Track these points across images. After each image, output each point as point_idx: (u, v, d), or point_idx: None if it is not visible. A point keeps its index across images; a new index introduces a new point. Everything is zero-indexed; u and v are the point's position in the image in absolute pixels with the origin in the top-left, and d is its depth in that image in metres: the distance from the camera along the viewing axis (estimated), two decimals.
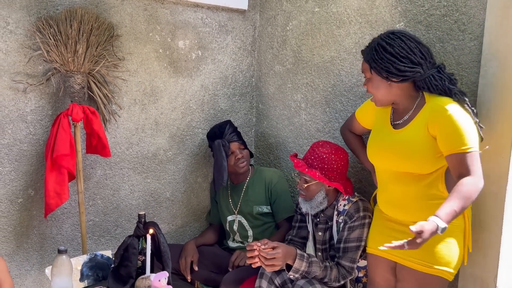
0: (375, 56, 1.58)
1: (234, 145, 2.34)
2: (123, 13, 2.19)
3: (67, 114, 1.96)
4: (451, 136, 1.49)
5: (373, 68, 1.60)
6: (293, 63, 2.52)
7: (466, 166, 1.46)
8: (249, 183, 2.41)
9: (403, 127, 1.63)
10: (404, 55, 1.55)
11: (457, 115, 1.50)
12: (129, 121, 2.29)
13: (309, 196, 1.94)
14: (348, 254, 1.87)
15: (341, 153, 1.94)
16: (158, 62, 2.34)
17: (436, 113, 1.53)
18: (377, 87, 1.64)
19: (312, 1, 2.37)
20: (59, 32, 1.91)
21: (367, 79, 1.68)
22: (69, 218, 2.19)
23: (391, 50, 1.56)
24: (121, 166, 2.31)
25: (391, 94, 1.64)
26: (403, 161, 1.59)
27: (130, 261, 1.85)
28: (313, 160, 1.93)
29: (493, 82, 1.68)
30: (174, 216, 2.56)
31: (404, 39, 1.57)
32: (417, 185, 1.61)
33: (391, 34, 1.60)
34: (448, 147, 1.50)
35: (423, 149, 1.55)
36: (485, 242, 1.74)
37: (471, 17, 1.76)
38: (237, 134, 2.39)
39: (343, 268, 1.87)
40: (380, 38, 1.61)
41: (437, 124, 1.52)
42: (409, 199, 1.63)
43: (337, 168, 1.90)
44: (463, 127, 1.48)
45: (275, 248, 1.78)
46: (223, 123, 2.42)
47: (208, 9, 2.48)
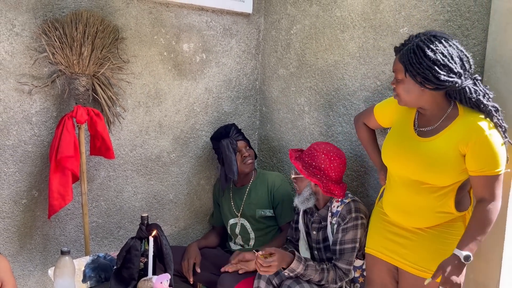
0: (413, 59, 1.47)
1: (241, 143, 2.37)
2: (128, 16, 2.20)
3: (72, 116, 1.98)
4: (484, 159, 1.46)
5: (408, 72, 1.50)
6: (297, 66, 2.53)
7: (492, 188, 1.46)
8: (252, 186, 2.42)
9: (431, 136, 1.56)
10: (445, 63, 1.45)
11: (493, 138, 1.45)
12: (133, 124, 2.31)
13: (298, 189, 2.02)
14: (345, 256, 1.90)
15: (333, 155, 1.94)
16: (162, 65, 2.35)
17: (472, 132, 1.47)
18: (408, 91, 1.54)
19: (316, 5, 2.38)
20: (64, 35, 1.92)
21: (397, 80, 1.56)
22: (72, 219, 2.21)
23: (431, 55, 1.44)
24: (125, 167, 2.32)
25: (421, 99, 1.55)
26: (425, 172, 1.55)
27: (133, 262, 1.85)
28: (305, 155, 1.98)
29: (497, 88, 1.67)
30: (177, 218, 2.57)
31: (446, 45, 1.47)
32: (428, 195, 1.58)
33: (432, 37, 1.48)
34: (477, 167, 1.47)
35: (450, 163, 1.51)
36: (487, 248, 1.73)
37: (474, 23, 1.76)
38: (242, 135, 2.42)
39: (340, 270, 1.90)
40: (420, 40, 1.48)
41: (472, 143, 1.46)
42: (417, 207, 1.62)
43: (324, 167, 1.92)
44: (497, 151, 1.45)
45: (272, 255, 1.83)
46: (228, 125, 2.45)
47: (212, 12, 2.49)
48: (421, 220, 1.62)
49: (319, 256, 2.04)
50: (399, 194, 1.67)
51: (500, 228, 1.70)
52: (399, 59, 1.53)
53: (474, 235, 1.46)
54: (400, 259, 1.68)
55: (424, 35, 1.51)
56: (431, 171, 1.53)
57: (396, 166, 1.67)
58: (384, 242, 1.74)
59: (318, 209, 2.04)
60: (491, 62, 1.69)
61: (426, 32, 1.52)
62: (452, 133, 1.51)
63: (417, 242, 1.64)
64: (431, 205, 1.59)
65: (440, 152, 1.52)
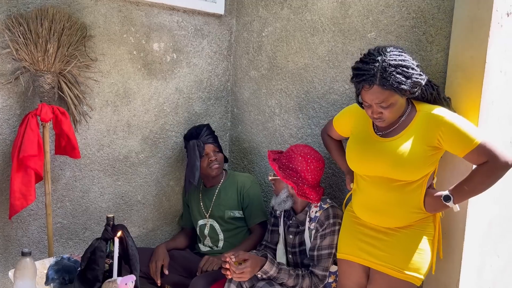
0: (401, 78, 1.47)
1: (209, 147, 2.34)
2: (97, 13, 2.17)
3: (36, 114, 1.93)
4: (460, 140, 1.52)
5: (403, 92, 1.49)
6: (268, 69, 2.54)
7: (485, 155, 1.50)
8: (222, 187, 2.41)
9: (394, 136, 1.61)
10: (417, 64, 1.53)
11: (455, 119, 1.53)
12: (100, 123, 2.27)
13: (276, 191, 2.02)
14: (321, 262, 1.89)
15: (310, 158, 1.95)
16: (132, 64, 2.32)
17: (437, 125, 1.54)
18: (398, 109, 1.56)
19: (288, 9, 2.40)
20: (29, 31, 1.88)
21: (383, 107, 1.53)
22: (36, 220, 2.15)
23: (410, 64, 1.49)
24: (91, 167, 2.28)
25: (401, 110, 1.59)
26: (394, 168, 1.59)
27: (97, 264, 1.82)
28: (283, 157, 1.99)
29: (458, 92, 1.73)
30: (145, 220, 2.54)
31: (401, 50, 1.53)
32: (398, 192, 1.62)
33: (391, 51, 1.50)
34: (460, 149, 1.53)
35: (417, 157, 1.55)
36: (449, 248, 1.79)
37: (438, 30, 1.81)
38: (213, 137, 2.39)
39: (316, 277, 1.89)
40: (388, 59, 1.48)
41: (442, 134, 1.53)
42: (388, 205, 1.65)
43: (301, 170, 1.93)
44: (463, 126, 1.52)
45: (245, 261, 1.83)
46: (201, 125, 2.43)
47: (184, 12, 2.48)
48: (393, 218, 1.65)
49: (294, 260, 2.03)
50: (369, 194, 1.70)
51: (461, 229, 1.76)
52: (383, 87, 1.48)
53: (463, 183, 1.56)
54: (374, 259, 1.70)
55: (379, 54, 1.50)
56: (400, 167, 1.58)
57: (363, 167, 1.70)
58: (356, 245, 1.75)
59: (296, 213, 2.03)
60: (453, 68, 1.75)
61: (376, 52, 1.52)
62: (415, 130, 1.58)
63: (390, 242, 1.67)
64: (402, 202, 1.62)
65: (406, 149, 1.57)
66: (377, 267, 1.69)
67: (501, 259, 2.01)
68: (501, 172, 1.51)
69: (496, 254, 1.98)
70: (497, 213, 1.91)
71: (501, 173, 1.51)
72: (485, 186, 1.54)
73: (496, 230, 1.94)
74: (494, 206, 1.88)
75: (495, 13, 1.64)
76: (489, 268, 1.94)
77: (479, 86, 1.67)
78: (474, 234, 1.79)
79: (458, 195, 1.56)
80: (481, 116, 1.68)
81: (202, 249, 2.44)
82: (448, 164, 1.76)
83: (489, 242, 1.91)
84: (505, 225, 2.00)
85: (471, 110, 1.69)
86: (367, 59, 1.53)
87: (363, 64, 1.53)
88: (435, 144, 1.55)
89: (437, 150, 1.57)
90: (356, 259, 1.76)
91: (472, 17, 1.67)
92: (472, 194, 1.58)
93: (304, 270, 1.91)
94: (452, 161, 1.74)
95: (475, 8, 1.66)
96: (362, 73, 1.52)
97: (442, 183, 1.74)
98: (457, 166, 1.73)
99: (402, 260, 1.63)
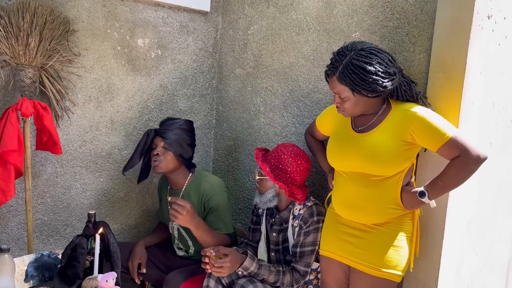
0: (356, 79, 1.52)
1: (158, 140, 2.14)
2: (80, 8, 2.14)
3: (16, 108, 1.90)
4: (431, 134, 1.54)
5: (356, 91, 1.55)
6: (254, 67, 2.54)
7: (455, 151, 1.53)
8: (185, 191, 2.23)
9: (369, 131, 1.65)
10: (384, 71, 1.53)
11: (427, 114, 1.56)
12: (83, 119, 2.24)
13: (261, 190, 1.99)
14: (304, 258, 1.90)
15: (300, 159, 1.95)
16: (115, 59, 2.30)
17: (409, 120, 1.57)
18: (355, 104, 1.61)
19: (273, 7, 2.40)
20: (10, 24, 1.84)
21: (341, 98, 1.61)
22: (15, 216, 2.12)
23: (372, 69, 1.52)
24: (73, 163, 2.25)
25: (366, 107, 1.63)
26: (368, 163, 1.62)
27: (78, 261, 1.80)
28: (271, 157, 1.97)
29: (440, 93, 1.75)
30: (128, 216, 2.52)
31: (375, 53, 1.55)
32: (375, 187, 1.65)
33: (362, 51, 1.54)
34: (433, 143, 1.55)
35: (390, 152, 1.58)
36: (428, 246, 1.81)
37: (421, 31, 1.84)
38: (175, 134, 2.15)
39: (297, 272, 1.90)
40: (352, 58, 1.54)
41: (414, 129, 1.56)
42: (365, 201, 1.67)
43: (291, 171, 1.93)
44: (434, 121, 1.55)
45: (226, 256, 1.83)
46: (173, 118, 2.26)
47: (169, 8, 2.46)
48: (369, 214, 1.67)
49: (277, 258, 2.04)
50: (347, 190, 1.73)
51: (440, 227, 1.78)
52: (339, 81, 1.57)
53: (437, 179, 1.58)
54: (352, 258, 1.71)
55: (351, 50, 1.56)
56: (374, 161, 1.61)
57: (340, 163, 1.74)
58: (337, 243, 1.77)
59: (279, 211, 2.03)
60: (434, 69, 1.77)
61: (350, 47, 1.57)
62: (389, 125, 1.62)
63: (368, 240, 1.68)
64: (378, 198, 1.64)
65: (379, 143, 1.61)
66: (356, 265, 1.71)
67: (479, 258, 2.05)
68: (473, 166, 1.53)
69: (475, 253, 2.01)
70: (476, 212, 1.95)
71: (473, 166, 1.53)
72: (458, 181, 1.56)
73: (475, 229, 1.97)
74: (473, 205, 1.91)
75: (476, 16, 1.66)
76: (467, 266, 1.98)
77: (460, 87, 1.69)
78: (454, 232, 1.82)
79: (432, 190, 1.58)
80: (461, 117, 1.71)
81: (178, 252, 2.33)
82: (428, 163, 1.78)
83: (468, 240, 1.94)
84: (484, 224, 2.03)
85: (452, 111, 1.71)
86: (341, 51, 1.59)
87: (336, 55, 1.60)
88: (408, 139, 1.58)
89: (410, 145, 1.59)
90: (336, 256, 1.78)
91: (454, 19, 1.69)
92: (446, 189, 1.60)
93: (284, 267, 1.92)
94: (431, 159, 1.76)
95: (457, 10, 1.68)
96: (331, 62, 1.60)
97: (421, 182, 1.76)
98: (437, 165, 1.75)
99: (379, 257, 1.65)
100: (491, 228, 2.10)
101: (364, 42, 1.60)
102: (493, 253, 2.17)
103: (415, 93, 1.64)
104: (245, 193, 2.64)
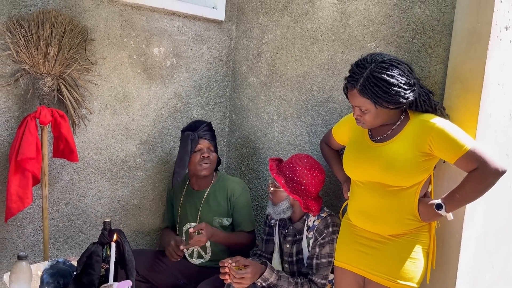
0: (378, 92, 1.51)
1: (204, 142, 2.20)
2: (98, 17, 2.17)
3: (35, 116, 1.92)
4: (450, 146, 1.53)
5: (378, 104, 1.54)
6: (267, 76, 2.55)
7: (475, 161, 1.51)
8: (211, 191, 2.27)
9: (387, 141, 1.65)
10: (405, 82, 1.53)
11: (445, 125, 1.56)
12: (99, 126, 2.26)
13: (275, 201, 1.98)
14: (321, 270, 1.89)
15: (315, 171, 1.94)
16: (131, 68, 2.32)
17: (427, 131, 1.56)
18: (376, 116, 1.60)
19: (288, 17, 2.41)
20: (30, 33, 1.87)
21: (362, 111, 1.60)
22: (31, 223, 2.14)
23: (394, 81, 1.51)
24: (89, 171, 2.27)
25: (386, 118, 1.62)
26: (385, 173, 1.61)
27: (93, 268, 1.80)
28: (286, 168, 1.96)
29: (457, 104, 1.75)
30: (141, 224, 2.53)
31: (396, 64, 1.54)
32: (392, 198, 1.64)
33: (383, 63, 1.54)
34: (451, 155, 1.54)
35: (408, 163, 1.57)
36: (444, 258, 1.80)
37: (437, 42, 1.83)
38: (211, 135, 2.25)
39: (315, 285, 1.88)
40: (374, 70, 1.53)
41: (432, 140, 1.55)
42: (382, 211, 1.66)
43: (306, 183, 1.92)
44: (453, 132, 1.54)
45: (246, 267, 1.82)
46: (202, 120, 2.31)
47: (184, 18, 2.49)
48: (386, 225, 1.66)
49: (290, 269, 2.02)
50: (364, 200, 1.71)
51: (456, 239, 1.77)
52: (361, 94, 1.55)
53: (454, 192, 1.57)
54: (368, 269, 1.70)
55: (371, 63, 1.55)
56: (391, 172, 1.60)
57: (357, 173, 1.73)
58: (352, 253, 1.76)
59: (293, 222, 2.01)
60: (451, 80, 1.77)
61: (370, 59, 1.56)
62: (407, 136, 1.61)
63: (384, 252, 1.67)
64: (395, 208, 1.63)
65: (397, 153, 1.60)
66: (371, 277, 1.70)
67: (495, 270, 2.03)
68: (491, 179, 1.51)
69: (491, 265, 1.99)
70: (492, 224, 1.93)
71: (491, 180, 1.51)
72: (476, 194, 1.55)
73: (491, 241, 1.95)
74: (489, 217, 1.89)
75: (494, 27, 1.66)
76: (483, 278, 1.95)
77: (478, 99, 1.68)
78: (470, 244, 1.80)
79: (450, 203, 1.57)
80: (479, 128, 1.70)
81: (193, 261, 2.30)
82: (445, 174, 1.77)
83: (484, 253, 1.92)
84: (500, 236, 2.01)
85: (469, 122, 1.70)
86: (360, 63, 1.58)
87: (355, 67, 1.59)
88: (426, 150, 1.57)
89: (428, 156, 1.58)
90: (352, 267, 1.76)
91: (472, 30, 1.69)
92: (463, 202, 1.59)
93: (302, 278, 1.90)
94: (448, 170, 1.75)
95: (475, 21, 1.68)
96: (350, 74, 1.59)
97: (438, 193, 1.75)
98: (453, 176, 1.74)
99: (395, 269, 1.64)
100: (507, 240, 2.08)
101: (383, 54, 1.59)
102: (509, 266, 2.14)
103: (433, 104, 1.64)
104: (258, 201, 2.64)
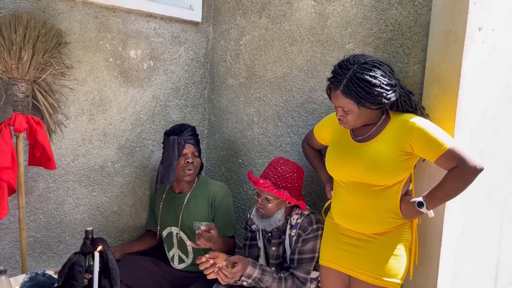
0: (361, 92, 1.54)
1: (189, 147, 2.19)
2: (72, 20, 2.11)
3: (9, 124, 1.85)
4: (430, 145, 1.57)
5: (361, 104, 1.57)
6: (246, 77, 2.55)
7: (452, 162, 1.56)
8: (192, 194, 2.25)
9: (369, 141, 1.67)
10: (387, 83, 1.56)
11: (425, 125, 1.59)
12: (75, 132, 2.20)
13: (268, 214, 1.94)
14: (303, 265, 1.90)
15: (300, 171, 1.97)
16: (108, 71, 2.27)
17: (408, 131, 1.60)
18: (358, 117, 1.62)
19: (266, 18, 2.42)
20: (2, 38, 1.80)
21: (345, 111, 1.62)
22: (7, 234, 2.05)
23: (376, 82, 1.53)
24: (66, 178, 2.21)
25: (368, 118, 1.65)
26: (367, 172, 1.63)
27: (76, 279, 1.75)
28: (277, 179, 1.92)
29: (435, 103, 1.79)
30: (121, 231, 2.48)
31: (378, 66, 1.57)
32: (375, 197, 1.66)
33: (365, 64, 1.56)
34: (431, 154, 1.58)
35: (389, 162, 1.61)
36: (426, 254, 1.84)
37: (415, 42, 1.88)
38: (195, 139, 2.24)
39: (297, 279, 1.89)
40: (356, 71, 1.55)
41: (413, 140, 1.58)
42: (365, 211, 1.68)
43: (298, 186, 1.94)
44: (433, 132, 1.57)
45: (236, 264, 1.81)
46: (186, 124, 2.28)
47: (161, 19, 2.45)
48: (369, 224, 1.69)
49: (278, 270, 1.99)
50: (347, 200, 1.74)
51: (438, 235, 1.82)
52: (344, 95, 1.57)
53: (435, 189, 1.61)
54: (353, 267, 1.73)
55: (354, 64, 1.57)
56: (373, 171, 1.62)
57: (340, 173, 1.75)
58: (336, 252, 1.78)
59: None
60: (429, 80, 1.81)
61: (352, 61, 1.58)
62: (388, 135, 1.64)
63: (368, 250, 1.70)
64: (377, 207, 1.66)
65: (379, 153, 1.63)
66: (356, 275, 1.73)
67: (472, 263, 2.10)
68: (470, 177, 1.57)
69: (468, 258, 2.06)
70: (469, 219, 1.99)
71: (470, 177, 1.57)
72: (455, 191, 1.60)
73: (469, 235, 2.02)
74: (465, 211, 1.96)
75: (469, 28, 1.71)
76: (462, 271, 2.02)
77: (455, 98, 1.74)
78: (450, 239, 1.86)
79: (431, 200, 1.61)
80: (456, 126, 1.75)
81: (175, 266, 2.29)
82: (425, 172, 1.82)
83: (462, 246, 1.99)
84: (475, 230, 2.08)
85: (447, 121, 1.75)
86: (343, 64, 1.60)
87: (338, 68, 1.61)
88: (408, 149, 1.60)
89: (409, 155, 1.62)
90: (337, 266, 1.79)
91: (448, 31, 1.74)
92: (444, 199, 1.64)
93: (285, 273, 1.91)
94: (429, 168, 1.80)
95: (451, 23, 1.73)
96: (334, 75, 1.61)
97: (419, 191, 1.80)
98: (433, 174, 1.79)
99: (380, 266, 1.67)
100: (482, 233, 2.16)
101: (366, 55, 1.62)
102: (484, 258, 2.22)
103: (413, 104, 1.68)
104: (239, 203, 2.63)
